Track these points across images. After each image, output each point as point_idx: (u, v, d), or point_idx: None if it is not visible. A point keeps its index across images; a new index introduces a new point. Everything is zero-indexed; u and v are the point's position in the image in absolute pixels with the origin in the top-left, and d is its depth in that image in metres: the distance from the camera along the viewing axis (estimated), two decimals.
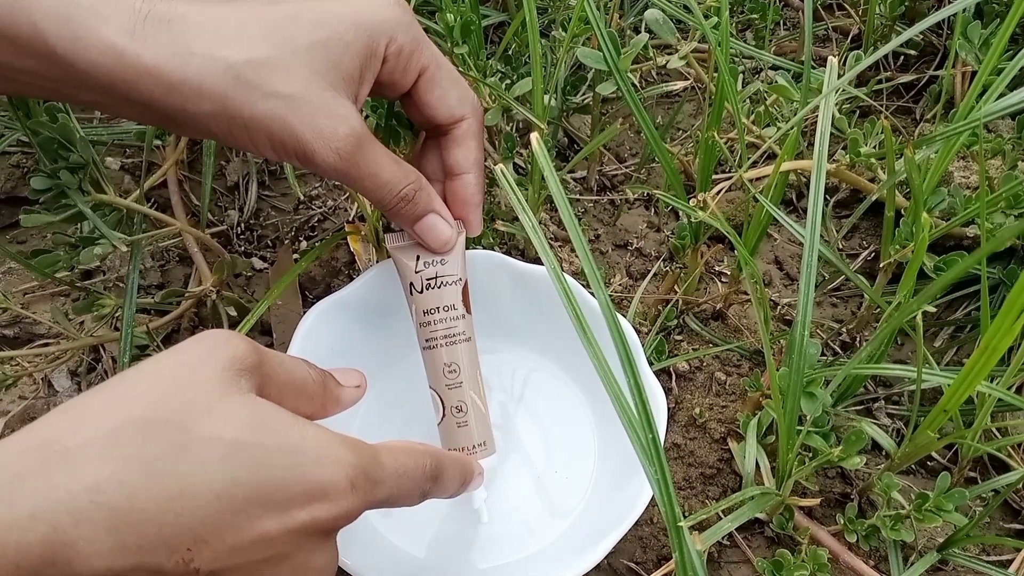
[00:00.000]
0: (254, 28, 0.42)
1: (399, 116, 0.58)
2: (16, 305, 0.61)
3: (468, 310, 0.55)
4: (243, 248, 0.75)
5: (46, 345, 0.66)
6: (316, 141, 0.44)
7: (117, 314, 0.63)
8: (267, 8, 0.44)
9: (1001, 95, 0.54)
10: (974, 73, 0.65)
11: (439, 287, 0.54)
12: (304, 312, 0.58)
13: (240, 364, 0.36)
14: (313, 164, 0.44)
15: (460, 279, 0.54)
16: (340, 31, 0.44)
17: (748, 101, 0.71)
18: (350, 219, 0.76)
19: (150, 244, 0.72)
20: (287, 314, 0.69)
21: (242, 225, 0.76)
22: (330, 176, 0.53)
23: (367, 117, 0.59)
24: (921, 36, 0.85)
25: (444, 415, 0.54)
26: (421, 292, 0.54)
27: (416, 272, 0.54)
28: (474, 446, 0.54)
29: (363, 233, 0.71)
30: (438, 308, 0.54)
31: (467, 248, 0.57)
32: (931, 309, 0.48)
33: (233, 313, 0.66)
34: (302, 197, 0.77)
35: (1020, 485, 0.61)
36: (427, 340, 0.54)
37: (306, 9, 0.44)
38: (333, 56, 0.44)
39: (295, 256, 0.73)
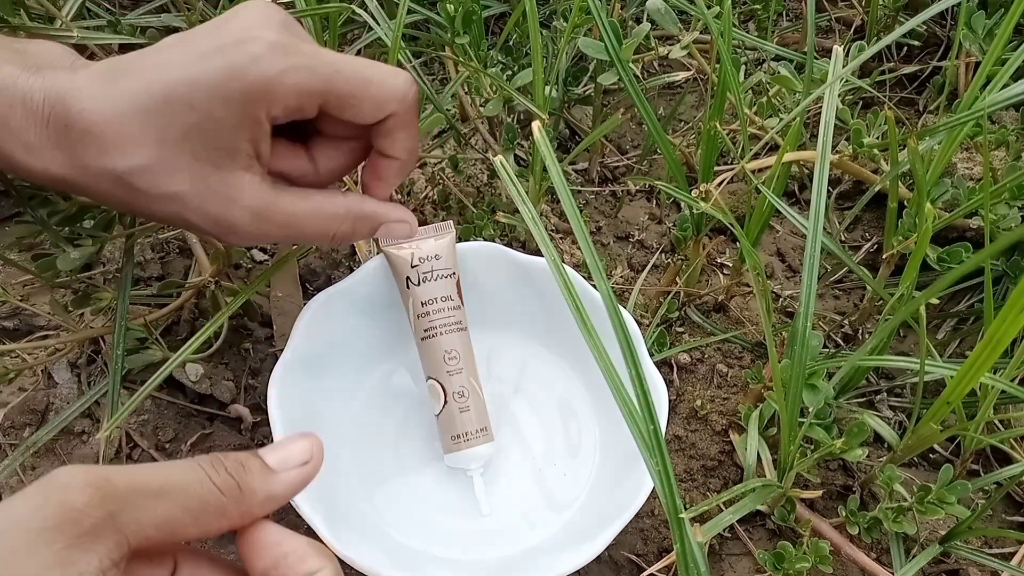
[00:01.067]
0: (134, 124, 0.41)
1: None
2: (15, 297, 0.61)
3: (461, 301, 0.58)
4: None
5: (46, 337, 0.66)
6: (217, 228, 0.44)
7: (116, 306, 0.62)
8: (144, 85, 0.41)
9: (1005, 85, 0.54)
10: (978, 63, 0.64)
11: (435, 280, 0.56)
12: (305, 304, 0.58)
13: (76, 529, 0.28)
14: (232, 242, 0.46)
15: (453, 272, 0.57)
16: (210, 109, 0.41)
17: (751, 92, 0.71)
18: None
19: (150, 236, 0.72)
20: (288, 306, 0.69)
21: None
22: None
23: None
24: (924, 26, 0.84)
25: (446, 402, 0.56)
26: (419, 285, 0.56)
27: (412, 267, 0.56)
28: (476, 431, 0.56)
29: None
30: (436, 299, 0.56)
31: (468, 240, 0.57)
32: (934, 301, 0.48)
33: None
34: None
35: (1023, 477, 0.61)
36: (426, 330, 0.56)
37: (178, 82, 0.41)
38: (210, 138, 0.41)
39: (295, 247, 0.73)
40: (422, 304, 0.56)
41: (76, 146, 0.41)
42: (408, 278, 0.57)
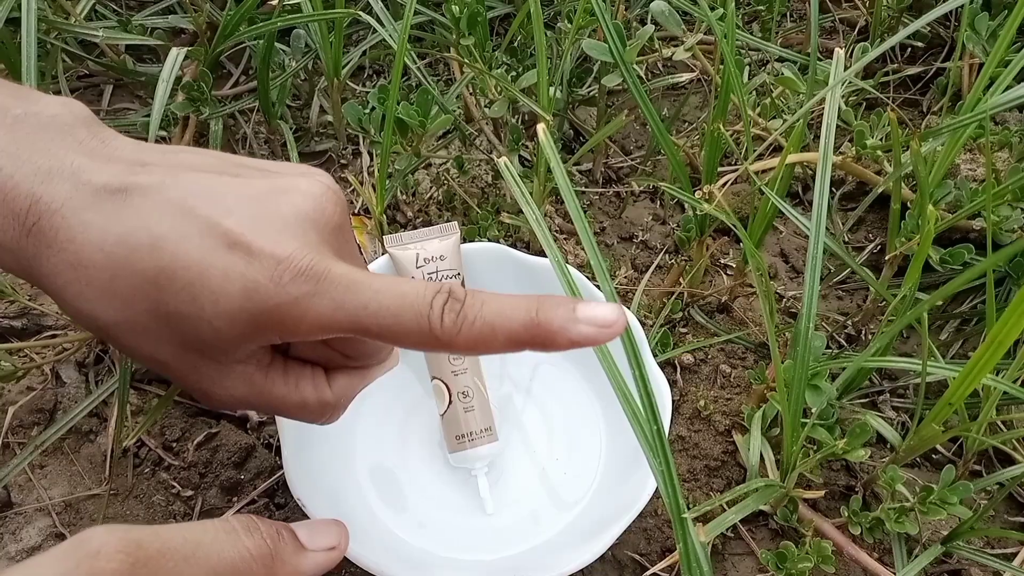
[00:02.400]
0: (126, 284, 0.33)
1: None
2: (24, 296, 0.62)
3: None
4: None
5: (54, 337, 0.66)
6: (196, 392, 0.38)
7: None
8: (148, 246, 0.33)
9: (1008, 87, 0.54)
10: (981, 65, 0.64)
11: (440, 280, 0.56)
12: None
13: None
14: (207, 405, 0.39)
15: (458, 273, 0.58)
16: (211, 318, 0.34)
17: (754, 93, 0.71)
18: (356, 211, 0.76)
19: None
20: None
21: None
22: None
23: None
24: (928, 28, 0.84)
25: (450, 402, 0.56)
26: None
27: (417, 268, 0.56)
28: (481, 431, 0.57)
29: (368, 226, 0.71)
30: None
31: (472, 241, 0.58)
32: (937, 302, 0.48)
33: None
34: None
35: None
36: None
37: (186, 268, 0.33)
38: (206, 338, 0.35)
39: None
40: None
41: (55, 281, 0.34)
42: (413, 279, 0.57)
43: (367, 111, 0.63)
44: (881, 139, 0.63)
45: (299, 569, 0.34)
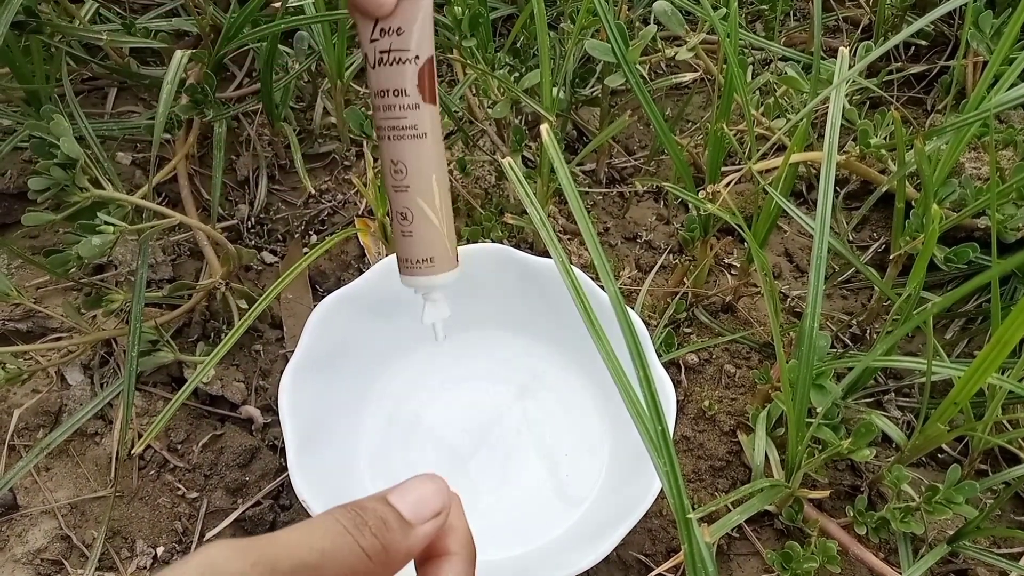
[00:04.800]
0: None
1: None
2: (29, 300, 0.62)
3: (429, 99, 0.43)
4: (254, 242, 0.75)
5: (59, 339, 0.66)
6: None
7: (129, 308, 0.63)
8: None
9: (1012, 85, 0.54)
10: (985, 63, 0.64)
11: (391, 63, 0.42)
12: (314, 305, 0.58)
13: None
14: None
15: (417, 56, 0.42)
16: None
17: (757, 93, 0.71)
18: (359, 213, 0.76)
19: (160, 239, 0.73)
20: (297, 307, 0.69)
21: (252, 219, 0.76)
22: None
23: None
24: (932, 26, 0.84)
25: (391, 220, 0.46)
26: (374, 68, 0.43)
27: (371, 41, 0.42)
28: (418, 260, 0.46)
29: (372, 228, 0.71)
30: (387, 92, 0.43)
31: (476, 241, 0.57)
32: (945, 306, 0.48)
33: (244, 305, 0.66)
34: (312, 191, 0.77)
35: None
36: (378, 130, 0.45)
37: None
38: None
39: (305, 250, 0.74)
40: (377, 95, 0.43)
41: None
42: (366, 55, 0.43)
43: (368, 115, 0.63)
44: (885, 138, 0.62)
45: (411, 550, 0.32)
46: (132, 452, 0.61)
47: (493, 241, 0.67)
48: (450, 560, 0.34)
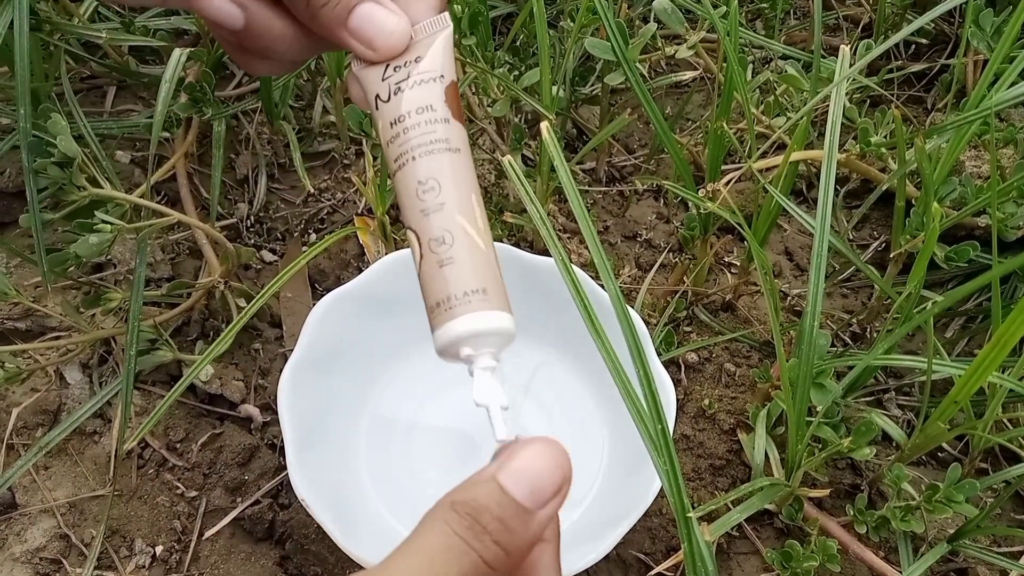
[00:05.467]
0: None
1: None
2: (28, 299, 0.62)
3: (458, 118, 0.37)
4: (253, 241, 0.75)
5: (57, 338, 0.66)
6: None
7: (127, 306, 0.63)
8: None
9: (1013, 83, 0.54)
10: (986, 61, 0.64)
11: (411, 88, 0.37)
12: (314, 304, 0.58)
13: None
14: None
15: (441, 75, 0.37)
16: None
17: (758, 91, 0.71)
18: (359, 212, 0.76)
19: (159, 237, 0.72)
20: (297, 306, 0.69)
21: (252, 218, 0.76)
22: None
23: None
24: (932, 24, 0.84)
25: (421, 257, 0.36)
26: (388, 100, 0.37)
27: (384, 80, 0.37)
28: (466, 293, 0.35)
29: (371, 226, 0.71)
30: (409, 113, 0.36)
31: None
32: (941, 298, 0.48)
33: (243, 304, 0.66)
34: (311, 190, 0.77)
35: None
36: (396, 159, 0.37)
37: None
38: None
39: (304, 248, 0.74)
40: (391, 125, 0.37)
41: None
42: (378, 96, 0.37)
43: (368, 115, 0.63)
44: (885, 136, 0.62)
45: (532, 542, 0.30)
46: (125, 447, 0.60)
47: (493, 240, 0.66)
48: (543, 548, 0.31)
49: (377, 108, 0.37)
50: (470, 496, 0.29)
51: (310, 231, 0.76)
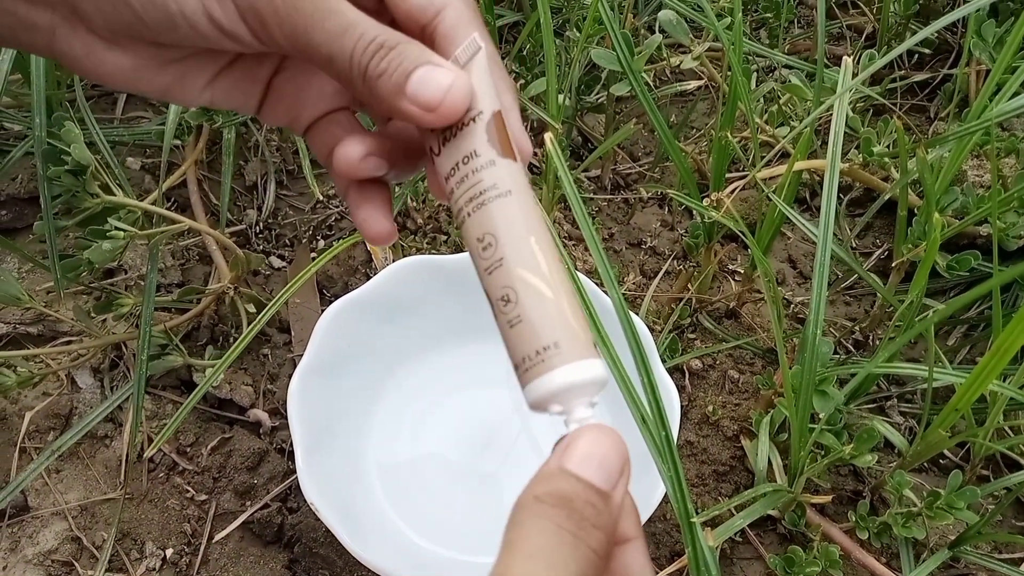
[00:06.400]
0: None
1: None
2: (40, 304, 0.63)
3: (505, 152, 0.35)
4: (262, 247, 0.76)
5: (69, 343, 0.67)
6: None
7: (138, 312, 0.64)
8: None
9: (1015, 94, 0.55)
10: (988, 72, 0.65)
11: (454, 135, 0.35)
12: (322, 310, 0.59)
13: None
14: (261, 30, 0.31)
15: (480, 112, 0.35)
16: None
17: (761, 100, 0.72)
18: None
19: (170, 244, 0.73)
20: (305, 312, 0.70)
21: (261, 224, 0.77)
22: (270, 42, 0.32)
23: None
24: (936, 35, 0.85)
25: (495, 316, 0.35)
26: (438, 154, 0.36)
27: (432, 130, 0.36)
28: (538, 351, 0.34)
29: None
30: (457, 165, 0.35)
31: None
32: (943, 306, 0.48)
33: (252, 310, 0.67)
34: (320, 197, 0.78)
35: None
36: (456, 217, 0.36)
37: None
38: None
39: (313, 255, 0.74)
40: (445, 180, 0.35)
41: None
42: (431, 148, 0.36)
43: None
44: (888, 146, 0.63)
45: (617, 520, 0.29)
46: (144, 456, 0.61)
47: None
48: (634, 546, 0.30)
49: (433, 163, 0.36)
50: (552, 488, 0.29)
51: (318, 237, 0.77)
